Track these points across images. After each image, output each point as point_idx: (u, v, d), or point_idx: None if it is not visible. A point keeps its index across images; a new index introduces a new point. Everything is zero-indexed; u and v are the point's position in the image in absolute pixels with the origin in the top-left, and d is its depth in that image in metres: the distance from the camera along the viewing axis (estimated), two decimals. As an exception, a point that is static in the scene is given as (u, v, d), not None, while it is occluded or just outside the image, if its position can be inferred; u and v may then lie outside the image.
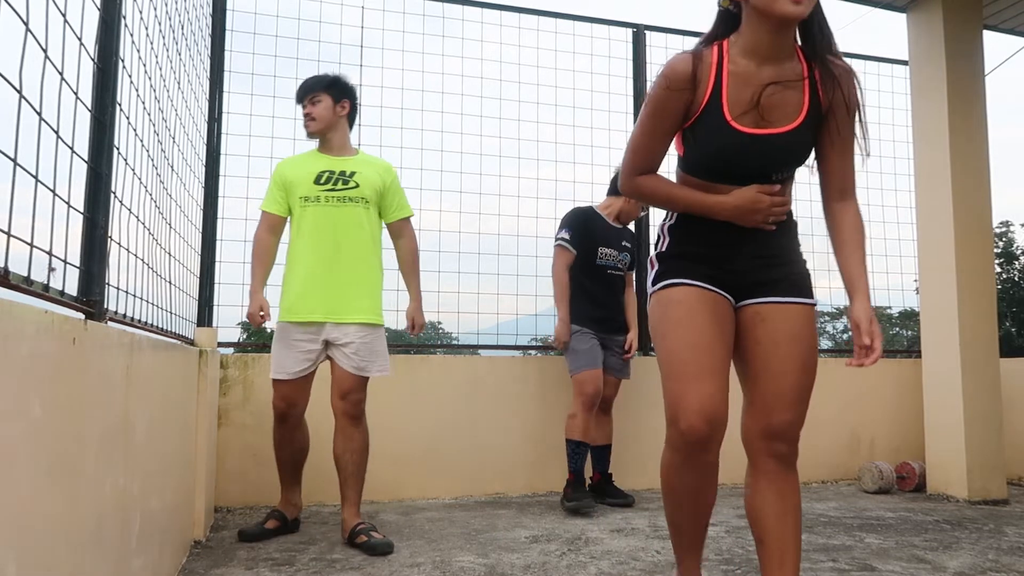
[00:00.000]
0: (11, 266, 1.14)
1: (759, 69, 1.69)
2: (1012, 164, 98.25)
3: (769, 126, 1.70)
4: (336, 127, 3.10)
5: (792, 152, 1.74)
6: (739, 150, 1.71)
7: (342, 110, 3.11)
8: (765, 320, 1.76)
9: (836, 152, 1.78)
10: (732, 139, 1.70)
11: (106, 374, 1.47)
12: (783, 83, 1.69)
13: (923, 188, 4.47)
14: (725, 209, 1.75)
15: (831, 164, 1.80)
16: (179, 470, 2.54)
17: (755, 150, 1.70)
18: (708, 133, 1.72)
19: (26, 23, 1.20)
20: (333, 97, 3.09)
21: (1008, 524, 3.51)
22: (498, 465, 4.16)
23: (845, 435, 4.81)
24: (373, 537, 2.84)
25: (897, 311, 6.74)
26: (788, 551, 1.79)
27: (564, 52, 4.62)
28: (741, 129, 1.69)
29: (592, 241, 3.91)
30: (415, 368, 4.11)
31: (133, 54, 2.01)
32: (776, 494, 1.79)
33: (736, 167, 1.73)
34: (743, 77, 1.69)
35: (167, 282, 2.61)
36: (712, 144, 1.73)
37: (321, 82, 3.12)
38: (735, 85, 1.69)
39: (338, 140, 3.12)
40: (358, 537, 2.86)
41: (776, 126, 1.70)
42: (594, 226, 3.94)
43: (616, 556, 2.82)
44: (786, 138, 1.70)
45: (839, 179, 1.81)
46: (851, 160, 1.80)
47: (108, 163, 1.71)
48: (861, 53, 5.36)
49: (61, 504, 1.20)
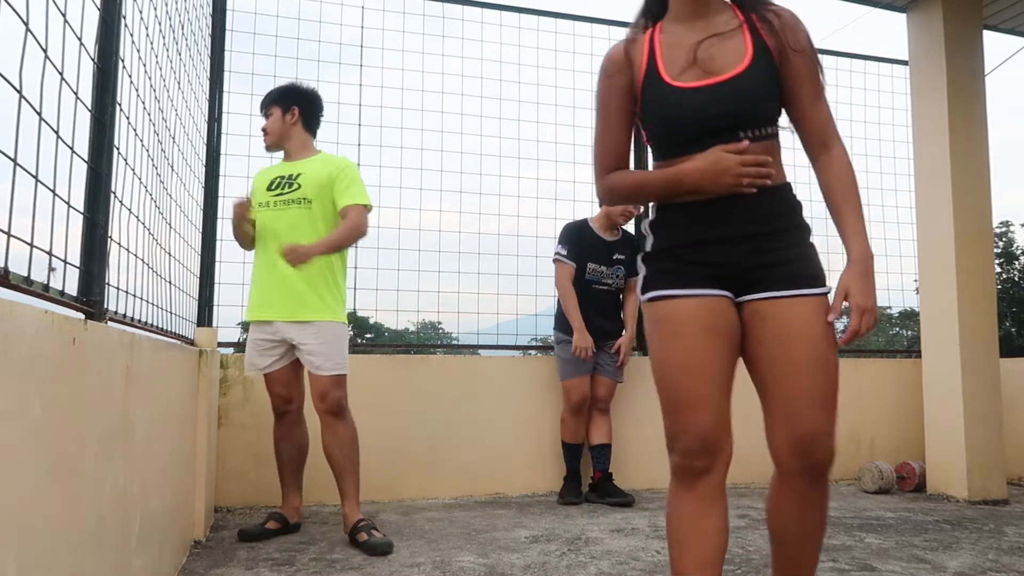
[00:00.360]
0: (11, 266, 1.14)
1: (689, 30, 1.65)
2: (1012, 164, 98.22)
3: (712, 76, 1.61)
4: (290, 135, 3.16)
5: (745, 96, 1.59)
6: (687, 107, 1.62)
7: (292, 118, 3.15)
8: (765, 319, 1.61)
9: (803, 100, 1.63)
10: (676, 98, 1.62)
11: (106, 374, 1.47)
12: (719, 34, 1.62)
13: (923, 188, 4.47)
14: (691, 176, 1.60)
15: (802, 113, 1.65)
16: (179, 470, 2.54)
17: (703, 102, 1.60)
18: (654, 102, 1.66)
19: (26, 23, 1.20)
20: (282, 108, 3.16)
21: (1008, 524, 3.51)
22: (498, 465, 4.16)
23: (845, 435, 4.80)
24: (374, 536, 2.85)
25: (897, 311, 6.72)
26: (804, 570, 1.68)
27: (564, 52, 4.62)
28: (683, 86, 1.62)
29: (583, 257, 4.01)
30: (415, 368, 4.11)
31: (133, 54, 2.01)
32: (800, 507, 1.64)
33: (692, 127, 1.62)
34: (675, 41, 1.66)
35: (167, 282, 2.61)
36: (661, 112, 1.65)
37: (270, 95, 3.20)
38: (668, 50, 1.66)
39: (294, 147, 3.17)
40: (359, 535, 2.86)
41: (720, 74, 1.60)
42: (585, 242, 4.03)
43: (616, 556, 2.82)
44: (733, 83, 1.59)
45: (816, 129, 1.65)
46: (822, 106, 1.64)
47: (108, 163, 1.71)
48: (861, 53, 5.37)
49: (61, 504, 1.20)
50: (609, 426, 4.03)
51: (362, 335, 29.77)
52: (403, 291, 4.25)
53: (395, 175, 4.25)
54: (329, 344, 3.01)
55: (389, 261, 4.22)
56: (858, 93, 5.32)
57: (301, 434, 3.20)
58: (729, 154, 1.58)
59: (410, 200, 4.28)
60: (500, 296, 4.42)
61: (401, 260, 4.25)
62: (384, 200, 4.21)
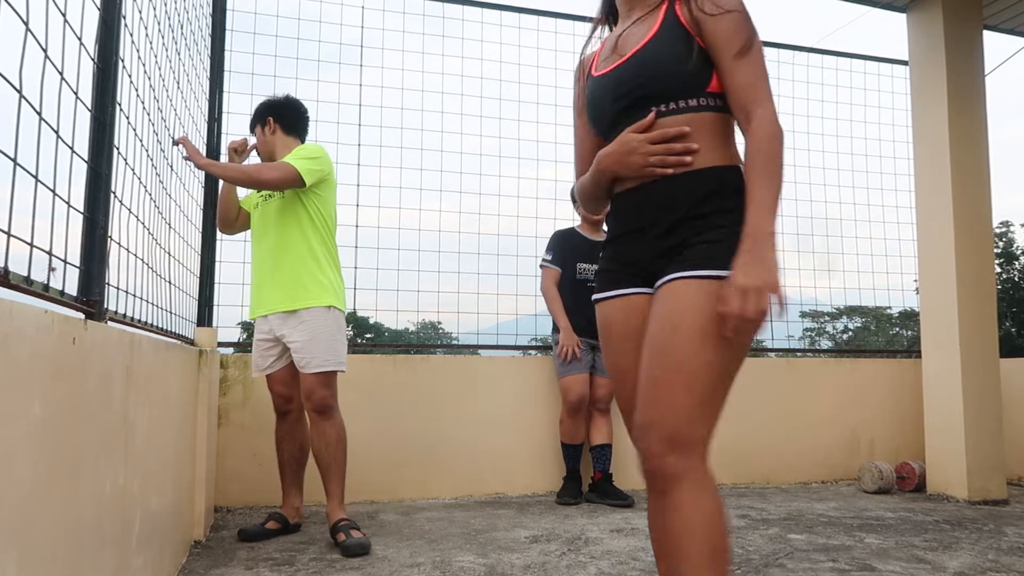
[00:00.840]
0: (11, 266, 1.14)
1: (623, 23, 1.65)
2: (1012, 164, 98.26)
3: (622, 58, 1.57)
4: (275, 146, 3.22)
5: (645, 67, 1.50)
6: (600, 93, 1.59)
7: (270, 130, 3.22)
8: (655, 302, 1.47)
9: (722, 66, 1.46)
10: (594, 88, 1.61)
11: (106, 374, 1.47)
12: (639, 19, 1.58)
13: (923, 188, 4.47)
14: (604, 162, 1.55)
15: (722, 80, 1.47)
16: (179, 470, 2.54)
17: (611, 84, 1.57)
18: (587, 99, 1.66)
19: (26, 23, 1.20)
20: (260, 124, 3.24)
21: (1008, 524, 3.51)
22: (498, 465, 4.16)
23: (845, 435, 4.80)
24: (352, 536, 2.85)
25: (897, 311, 6.73)
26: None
27: (564, 52, 4.62)
28: (599, 74, 1.61)
29: (572, 259, 4.10)
30: (415, 368, 4.11)
31: (133, 54, 2.01)
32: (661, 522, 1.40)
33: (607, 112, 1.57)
34: (611, 37, 1.67)
35: (167, 282, 2.61)
36: (588, 105, 1.64)
37: (252, 118, 3.29)
38: (604, 47, 1.67)
39: (279, 154, 3.21)
40: (338, 535, 2.88)
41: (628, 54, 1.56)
42: (573, 245, 4.14)
43: (616, 556, 2.82)
44: (635, 57, 1.52)
45: (736, 96, 1.45)
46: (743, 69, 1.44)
47: (108, 163, 1.71)
48: (861, 53, 5.37)
49: (61, 504, 1.20)
50: (609, 426, 4.04)
51: (362, 335, 29.78)
52: (403, 291, 4.26)
53: (395, 175, 4.25)
54: (315, 339, 2.99)
55: (389, 261, 4.22)
56: (858, 93, 5.33)
57: (302, 434, 3.21)
58: (635, 133, 1.49)
59: (410, 200, 4.29)
60: (500, 296, 4.43)
61: (401, 260, 4.26)
62: (384, 200, 4.21)
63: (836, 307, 18.85)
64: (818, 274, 5.28)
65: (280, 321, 3.05)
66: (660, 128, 1.48)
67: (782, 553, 2.88)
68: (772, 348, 5.29)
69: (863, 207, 5.31)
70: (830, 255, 5.36)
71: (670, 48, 1.48)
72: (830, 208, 5.20)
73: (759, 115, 1.42)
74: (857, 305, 6.96)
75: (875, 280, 5.32)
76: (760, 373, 4.65)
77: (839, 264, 5.27)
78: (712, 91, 1.48)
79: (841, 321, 27.56)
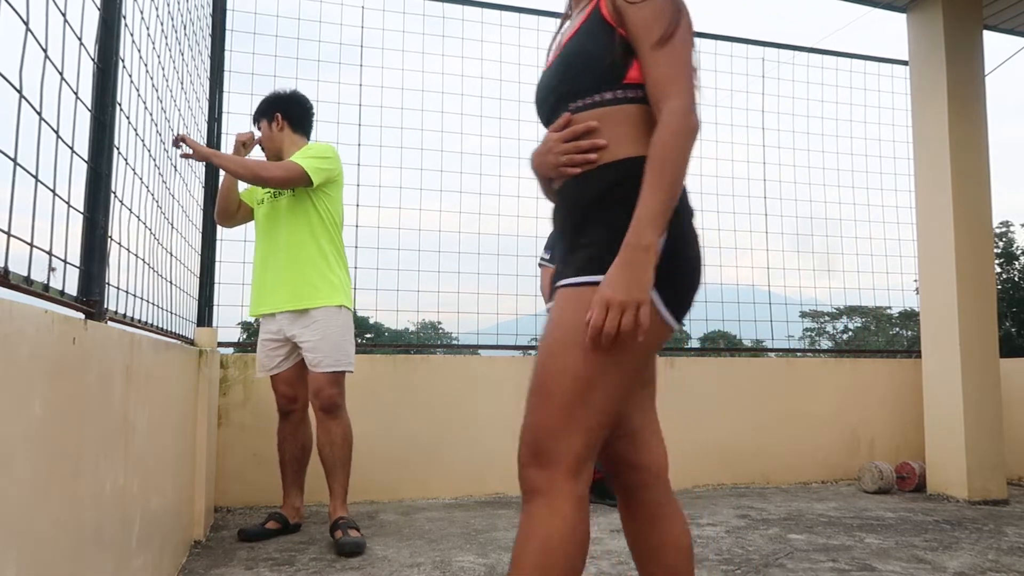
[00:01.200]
0: (11, 266, 1.14)
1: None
2: (1012, 164, 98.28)
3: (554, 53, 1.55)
4: (282, 143, 3.20)
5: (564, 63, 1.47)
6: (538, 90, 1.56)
7: (278, 126, 3.20)
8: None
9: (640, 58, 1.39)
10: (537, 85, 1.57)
11: (106, 374, 1.47)
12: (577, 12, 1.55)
13: (923, 188, 4.47)
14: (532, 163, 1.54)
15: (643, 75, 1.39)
16: (179, 470, 2.54)
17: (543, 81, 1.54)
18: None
19: (26, 23, 1.20)
20: (267, 119, 3.22)
21: (1008, 524, 3.51)
22: (498, 465, 4.16)
23: (845, 435, 4.80)
24: (348, 535, 2.85)
25: (897, 311, 6.73)
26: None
27: (564, 52, 4.62)
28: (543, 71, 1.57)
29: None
30: (415, 368, 4.11)
31: (133, 54, 2.01)
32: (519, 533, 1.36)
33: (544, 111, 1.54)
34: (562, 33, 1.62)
35: (167, 282, 2.61)
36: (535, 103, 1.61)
37: (256, 111, 3.27)
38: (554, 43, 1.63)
39: (288, 150, 3.20)
40: (335, 533, 2.88)
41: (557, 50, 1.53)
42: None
43: (616, 556, 2.82)
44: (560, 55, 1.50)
45: (652, 92, 1.37)
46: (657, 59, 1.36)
47: (108, 163, 1.71)
48: (861, 53, 5.37)
49: (61, 504, 1.20)
50: (609, 426, 4.04)
51: (362, 335, 29.79)
52: (403, 291, 4.26)
53: (395, 175, 4.26)
54: (327, 339, 3.00)
55: (389, 261, 4.22)
56: (858, 93, 5.33)
57: (305, 434, 3.21)
58: (553, 132, 1.46)
59: (410, 200, 4.29)
60: (500, 296, 4.43)
61: (401, 260, 4.26)
62: (384, 200, 4.21)
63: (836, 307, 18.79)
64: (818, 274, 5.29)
65: (290, 320, 3.05)
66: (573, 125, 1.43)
67: (782, 553, 2.88)
68: (772, 348, 5.29)
69: (863, 207, 5.32)
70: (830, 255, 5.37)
71: (592, 41, 1.43)
72: (830, 208, 5.20)
73: (668, 108, 1.33)
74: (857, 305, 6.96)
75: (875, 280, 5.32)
76: (760, 373, 4.66)
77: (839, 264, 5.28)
78: (631, 82, 1.41)
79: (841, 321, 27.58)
